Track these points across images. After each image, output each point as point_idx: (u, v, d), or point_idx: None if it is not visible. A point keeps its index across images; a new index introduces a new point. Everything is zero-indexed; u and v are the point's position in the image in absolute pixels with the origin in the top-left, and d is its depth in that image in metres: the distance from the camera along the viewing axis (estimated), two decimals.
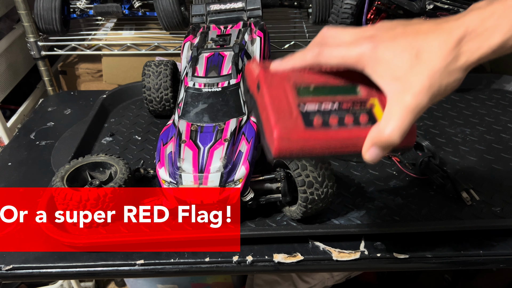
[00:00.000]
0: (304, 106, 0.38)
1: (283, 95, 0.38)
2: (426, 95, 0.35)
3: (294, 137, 0.37)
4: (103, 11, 1.02)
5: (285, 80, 0.39)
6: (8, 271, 0.55)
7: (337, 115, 0.38)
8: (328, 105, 0.38)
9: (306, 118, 0.37)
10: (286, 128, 0.37)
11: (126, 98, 0.90)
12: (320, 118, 0.38)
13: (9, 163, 0.74)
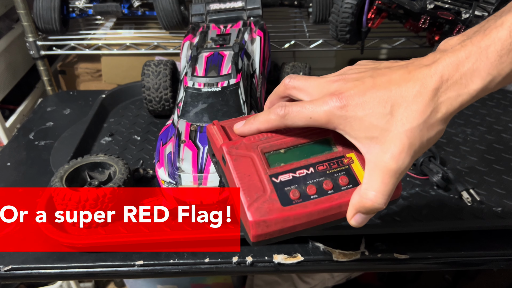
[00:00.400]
0: (278, 178, 0.35)
1: (253, 169, 0.35)
2: (407, 154, 0.32)
3: (272, 219, 0.33)
4: (102, 11, 1.01)
5: (252, 149, 0.35)
6: (7, 271, 0.55)
7: (315, 182, 0.35)
8: (303, 171, 0.35)
9: (282, 193, 0.34)
10: (261, 210, 0.33)
11: (126, 98, 0.90)
12: (296, 191, 0.34)
13: (8, 163, 0.74)
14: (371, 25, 0.86)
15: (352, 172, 0.36)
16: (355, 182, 0.35)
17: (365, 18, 0.84)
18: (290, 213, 0.33)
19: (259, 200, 0.33)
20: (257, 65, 0.69)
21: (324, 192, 0.35)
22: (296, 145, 0.36)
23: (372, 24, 0.86)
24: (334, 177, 0.35)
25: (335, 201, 0.35)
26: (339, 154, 0.36)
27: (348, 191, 0.35)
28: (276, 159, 0.36)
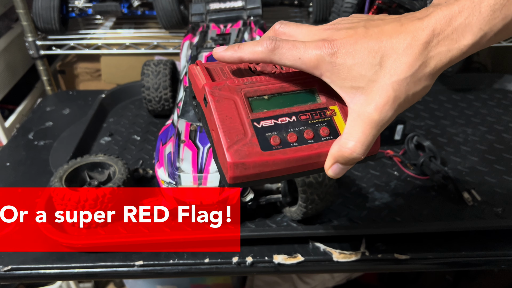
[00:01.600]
0: (259, 122, 0.34)
1: (235, 111, 0.34)
2: (391, 107, 0.32)
3: (250, 162, 0.33)
4: (102, 10, 1.01)
5: (236, 92, 0.35)
6: (6, 272, 0.55)
7: (296, 131, 0.35)
8: (285, 118, 0.35)
9: (262, 138, 0.34)
10: (241, 152, 0.33)
11: (125, 98, 0.90)
12: (277, 137, 0.34)
13: (8, 163, 0.74)
14: None
15: (334, 124, 0.36)
16: (336, 134, 0.35)
17: None
18: (269, 158, 0.33)
19: (239, 143, 0.33)
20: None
21: (304, 140, 0.35)
22: (281, 92, 0.36)
23: None
24: (316, 127, 0.35)
25: (315, 150, 0.35)
26: (322, 105, 0.36)
27: (328, 142, 0.35)
28: (259, 105, 0.35)
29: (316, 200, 0.54)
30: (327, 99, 0.36)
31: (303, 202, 0.54)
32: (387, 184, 0.65)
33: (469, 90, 0.89)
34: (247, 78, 0.36)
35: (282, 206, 0.60)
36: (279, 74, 0.37)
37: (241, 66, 0.38)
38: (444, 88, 0.90)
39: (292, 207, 0.58)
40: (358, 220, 0.59)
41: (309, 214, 0.56)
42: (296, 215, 0.57)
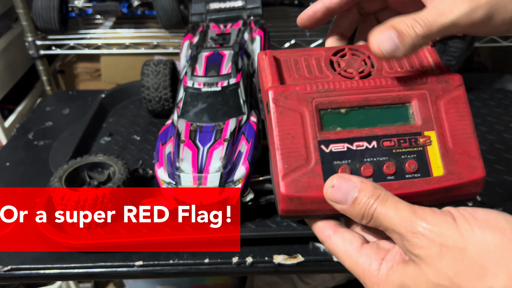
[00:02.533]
0: (328, 146, 0.28)
1: (300, 128, 0.28)
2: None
3: (308, 198, 0.27)
4: (102, 10, 1.01)
5: (305, 102, 0.28)
6: (6, 272, 0.55)
7: (374, 162, 0.27)
8: (362, 143, 0.28)
9: (328, 167, 0.27)
10: (298, 184, 0.27)
11: (125, 98, 0.90)
12: (347, 168, 0.27)
13: (7, 163, 0.74)
14: None
15: (426, 157, 0.28)
16: (425, 172, 0.27)
17: None
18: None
19: (298, 171, 0.27)
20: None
21: (382, 176, 0.27)
22: (364, 106, 0.29)
23: None
24: (401, 159, 0.27)
25: (394, 191, 0.27)
26: (416, 129, 0.28)
27: (413, 182, 0.27)
28: (332, 121, 0.28)
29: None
30: (423, 120, 0.28)
31: None
32: None
33: (469, 90, 0.89)
34: (323, 84, 0.29)
35: None
36: (367, 80, 0.29)
37: (321, 59, 0.31)
38: None
39: None
40: None
41: None
42: None
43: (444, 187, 0.28)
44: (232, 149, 0.56)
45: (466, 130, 0.29)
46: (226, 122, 0.59)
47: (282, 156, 0.27)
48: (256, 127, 0.60)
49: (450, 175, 0.28)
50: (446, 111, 0.29)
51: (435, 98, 0.29)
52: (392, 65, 0.31)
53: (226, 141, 0.57)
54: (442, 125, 0.29)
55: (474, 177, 0.28)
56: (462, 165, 0.28)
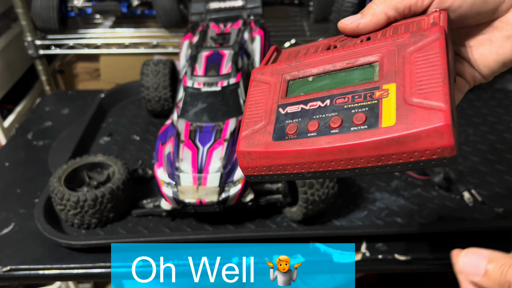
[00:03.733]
0: (285, 108, 0.28)
1: (266, 96, 0.30)
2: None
3: (256, 153, 0.28)
4: (101, 10, 1.01)
5: (276, 74, 0.30)
6: (5, 272, 0.54)
7: (321, 118, 0.27)
8: (316, 103, 0.28)
9: (280, 126, 0.28)
10: (250, 141, 0.28)
11: (125, 98, 0.89)
12: (295, 125, 0.27)
13: (6, 163, 0.73)
14: None
15: (378, 109, 0.25)
16: (374, 123, 0.25)
17: None
18: (276, 149, 0.27)
19: (254, 131, 0.29)
20: (257, 64, 0.68)
21: (326, 130, 0.26)
22: (330, 71, 0.29)
23: None
24: (350, 113, 0.26)
25: (334, 143, 0.25)
26: (374, 84, 0.27)
27: (357, 133, 0.25)
28: (298, 88, 0.29)
29: (316, 200, 0.54)
30: (387, 75, 0.27)
31: (304, 202, 0.54)
32: (387, 185, 0.65)
33: (470, 90, 0.89)
34: (298, 57, 0.31)
35: (282, 207, 0.59)
36: (350, 49, 0.29)
37: (322, 45, 0.32)
38: None
39: (292, 208, 0.58)
40: (358, 221, 0.59)
41: (310, 215, 0.56)
42: (296, 215, 0.57)
43: (392, 138, 0.24)
44: (232, 149, 0.56)
45: (435, 78, 0.25)
46: (226, 122, 0.59)
47: (245, 120, 0.30)
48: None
49: (401, 125, 0.24)
50: (413, 62, 0.26)
51: (404, 51, 0.27)
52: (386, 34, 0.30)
53: (226, 141, 0.57)
54: (404, 76, 0.26)
55: (431, 124, 0.23)
56: (418, 114, 0.24)
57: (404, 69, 0.26)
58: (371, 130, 0.25)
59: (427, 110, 0.24)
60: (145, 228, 0.59)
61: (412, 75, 0.26)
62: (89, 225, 0.58)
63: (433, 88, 0.24)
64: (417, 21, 0.29)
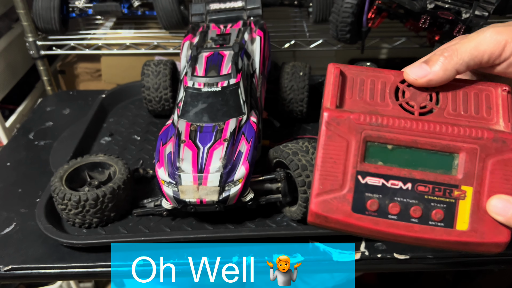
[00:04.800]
0: (365, 177, 0.29)
1: (343, 155, 0.29)
2: None
3: (334, 219, 0.29)
4: (102, 10, 1.01)
5: (355, 131, 0.29)
6: (6, 271, 0.55)
7: (403, 202, 0.29)
8: (397, 182, 0.29)
9: (359, 197, 0.29)
10: (328, 205, 0.29)
11: (125, 98, 0.90)
12: (376, 202, 0.29)
13: (8, 163, 0.74)
14: (372, 25, 0.86)
15: (455, 209, 0.29)
16: (449, 223, 0.28)
17: (365, 18, 0.84)
18: (356, 222, 0.29)
19: (331, 194, 0.29)
20: (257, 65, 0.69)
21: (407, 217, 0.29)
22: (411, 146, 0.30)
23: (372, 24, 0.86)
24: (429, 206, 0.29)
25: (413, 233, 0.29)
26: (454, 181, 0.29)
27: (434, 229, 0.28)
28: (376, 154, 0.30)
29: None
30: (466, 175, 0.29)
31: (303, 202, 0.54)
32: None
33: None
34: (379, 118, 0.30)
35: (282, 206, 0.60)
36: (424, 121, 0.30)
37: (388, 84, 0.32)
38: None
39: (292, 207, 0.58)
40: None
41: None
42: (296, 215, 0.57)
43: (462, 241, 0.29)
44: (232, 149, 0.56)
45: (506, 194, 0.29)
46: (226, 122, 0.59)
47: (320, 177, 0.30)
48: (256, 127, 0.60)
49: (473, 232, 0.29)
50: (491, 171, 0.29)
51: (485, 155, 0.29)
52: (457, 105, 0.31)
53: (226, 141, 0.57)
54: (482, 183, 0.29)
55: (496, 240, 0.30)
56: (488, 226, 0.29)
57: (483, 175, 0.29)
58: (446, 230, 0.29)
59: (496, 225, 0.29)
60: (146, 227, 0.59)
61: (489, 184, 0.29)
62: (90, 225, 0.59)
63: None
64: (485, 92, 0.31)
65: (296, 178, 0.54)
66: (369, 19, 0.85)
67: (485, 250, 0.31)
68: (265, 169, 0.61)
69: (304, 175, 0.54)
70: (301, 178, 0.54)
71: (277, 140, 0.74)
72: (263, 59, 0.71)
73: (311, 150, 0.56)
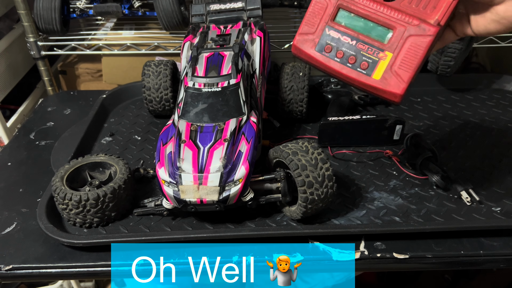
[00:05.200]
0: (329, 31, 0.45)
1: (322, 12, 0.45)
2: None
3: (303, 51, 0.46)
4: (103, 11, 1.02)
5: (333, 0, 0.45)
6: (8, 271, 0.55)
7: (346, 52, 0.44)
8: (348, 38, 0.44)
9: (322, 42, 0.45)
10: (303, 42, 0.45)
11: (126, 98, 0.90)
12: (331, 48, 0.44)
13: (9, 163, 0.74)
14: None
15: (376, 65, 0.43)
16: (369, 72, 0.43)
17: None
18: (315, 57, 0.45)
19: (307, 36, 0.45)
20: (257, 65, 0.69)
21: (345, 62, 0.44)
22: (365, 17, 0.43)
23: None
24: (361, 58, 0.43)
25: (345, 72, 0.44)
26: (382, 47, 0.43)
27: (358, 73, 0.44)
28: (342, 17, 0.44)
29: (315, 200, 0.55)
30: (392, 45, 0.43)
31: (303, 201, 0.54)
32: (386, 184, 0.66)
33: (468, 90, 0.90)
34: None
35: (282, 206, 0.60)
36: (383, 5, 0.44)
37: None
38: (443, 88, 0.90)
39: (292, 207, 0.58)
40: (357, 220, 0.60)
41: (309, 214, 0.57)
42: (296, 214, 0.57)
43: (373, 85, 0.44)
44: (232, 149, 0.57)
45: (411, 64, 0.43)
46: (226, 122, 0.60)
47: (305, 22, 0.46)
48: (256, 127, 0.60)
49: (382, 81, 0.44)
50: (408, 46, 0.43)
51: (408, 34, 0.43)
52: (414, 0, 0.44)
53: (226, 141, 0.57)
54: (399, 53, 0.43)
55: (394, 90, 0.44)
56: (392, 80, 0.43)
57: (401, 46, 0.43)
58: (366, 76, 0.44)
59: (398, 81, 0.43)
60: (146, 227, 0.59)
61: (402, 54, 0.43)
62: (91, 224, 0.59)
63: (406, 69, 0.43)
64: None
65: (296, 178, 0.54)
66: None
67: (387, 97, 0.44)
68: (265, 169, 0.62)
69: (303, 175, 0.54)
70: (300, 178, 0.54)
71: (277, 140, 0.74)
72: (263, 60, 0.71)
73: (311, 150, 0.56)
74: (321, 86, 0.86)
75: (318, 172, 0.54)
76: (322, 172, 0.55)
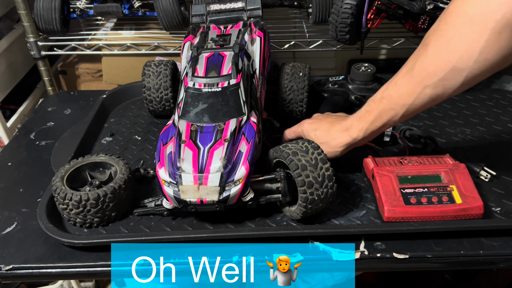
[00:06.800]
0: (404, 189, 0.58)
1: (390, 182, 0.59)
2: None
3: (397, 210, 0.57)
4: (103, 11, 1.02)
5: (391, 172, 0.60)
6: (8, 271, 0.55)
7: (427, 196, 0.57)
8: (420, 189, 0.58)
9: (405, 198, 0.57)
10: (391, 203, 0.57)
11: (126, 98, 0.90)
12: (414, 198, 0.57)
13: (9, 163, 0.74)
14: (371, 26, 0.86)
15: (452, 195, 0.58)
16: (453, 201, 0.57)
17: (365, 19, 0.84)
18: (408, 209, 0.57)
19: (391, 199, 0.58)
20: (257, 65, 0.69)
21: (431, 202, 0.57)
22: (419, 175, 0.60)
23: (371, 25, 0.86)
24: (440, 196, 0.58)
25: (438, 209, 0.57)
26: (445, 184, 0.59)
27: (447, 205, 0.57)
28: (404, 180, 0.60)
29: (315, 200, 0.55)
30: (448, 181, 0.60)
31: (303, 202, 0.54)
32: None
33: (468, 90, 0.89)
34: (399, 166, 0.62)
35: (282, 206, 0.60)
36: (418, 165, 0.62)
37: (395, 159, 0.63)
38: None
39: (292, 207, 0.58)
40: (357, 220, 0.60)
41: (309, 214, 0.57)
42: (296, 214, 0.57)
43: (462, 208, 0.57)
44: (232, 149, 0.57)
45: (470, 185, 0.59)
46: (226, 122, 0.60)
47: (384, 193, 0.59)
48: (256, 127, 0.60)
49: (465, 203, 0.58)
50: (458, 178, 0.60)
51: (452, 173, 0.61)
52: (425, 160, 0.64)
53: (227, 141, 0.57)
54: (457, 183, 0.59)
55: (477, 204, 0.57)
56: (470, 199, 0.58)
57: (455, 180, 0.60)
58: (452, 204, 0.57)
59: (473, 199, 0.58)
60: (146, 227, 0.59)
61: (460, 183, 0.60)
62: (91, 224, 0.59)
63: (471, 189, 0.59)
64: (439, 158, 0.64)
65: (296, 178, 0.54)
66: (369, 19, 0.85)
67: (474, 213, 0.57)
68: (265, 169, 0.62)
69: (303, 175, 0.54)
70: (300, 178, 0.54)
71: (277, 140, 0.74)
72: (263, 60, 0.71)
73: (311, 150, 0.56)
74: (318, 85, 0.86)
75: (318, 172, 0.54)
76: (322, 172, 0.55)
